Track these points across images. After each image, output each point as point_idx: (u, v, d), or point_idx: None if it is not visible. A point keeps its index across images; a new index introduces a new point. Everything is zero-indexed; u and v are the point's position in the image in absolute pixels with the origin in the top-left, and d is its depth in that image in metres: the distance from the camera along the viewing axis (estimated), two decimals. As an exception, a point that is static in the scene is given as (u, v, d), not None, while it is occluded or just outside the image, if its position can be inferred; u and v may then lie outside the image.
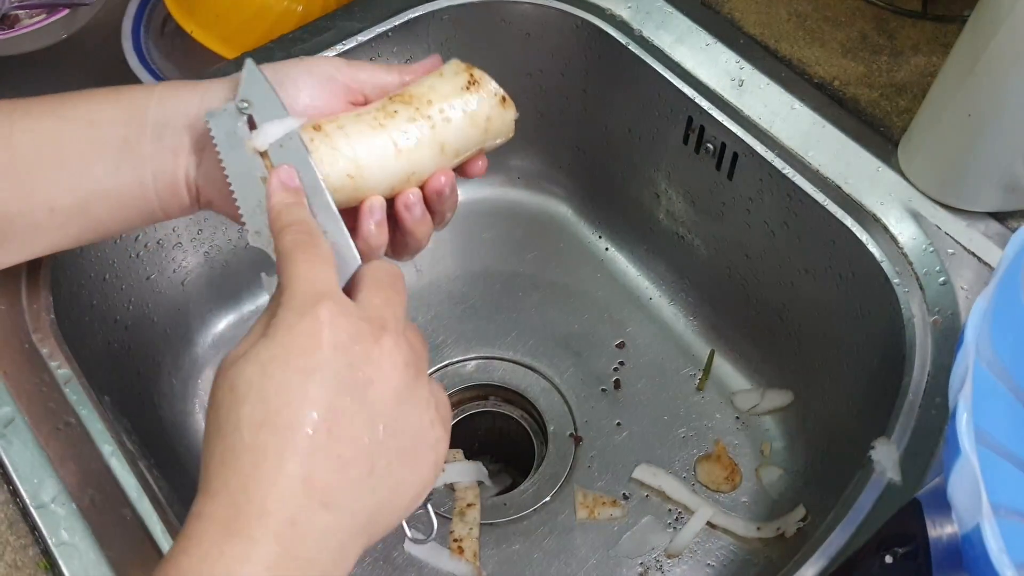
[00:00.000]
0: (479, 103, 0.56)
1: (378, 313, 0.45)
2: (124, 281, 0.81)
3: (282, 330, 0.43)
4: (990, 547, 0.40)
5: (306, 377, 0.42)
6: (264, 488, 0.40)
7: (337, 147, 0.53)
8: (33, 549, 0.59)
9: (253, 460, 0.41)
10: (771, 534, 0.80)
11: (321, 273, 0.46)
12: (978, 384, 0.45)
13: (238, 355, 0.44)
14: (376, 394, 0.43)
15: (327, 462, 0.41)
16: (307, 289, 0.44)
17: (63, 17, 0.99)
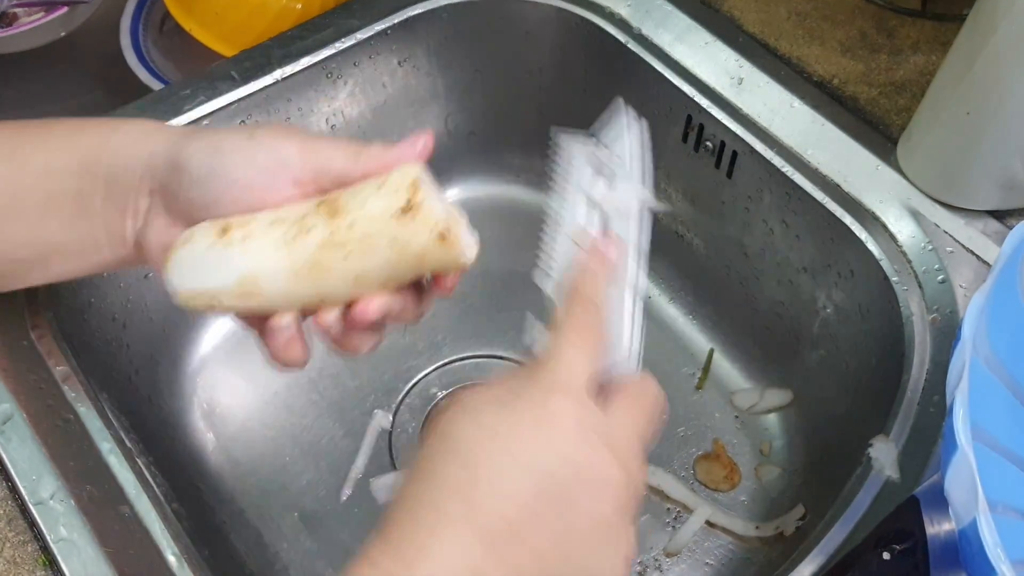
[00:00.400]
0: (409, 237, 0.47)
1: (621, 437, 0.43)
2: (122, 278, 0.81)
3: (516, 406, 0.42)
4: (986, 542, 0.40)
5: (519, 470, 0.40)
6: (434, 560, 0.39)
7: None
8: (32, 545, 0.59)
9: (435, 527, 0.40)
10: (770, 533, 0.80)
11: (579, 362, 0.43)
12: (975, 381, 0.45)
13: (471, 405, 0.43)
14: (579, 522, 0.41)
15: (499, 558, 0.40)
16: (555, 374, 0.42)
17: (62, 15, 0.99)
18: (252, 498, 0.83)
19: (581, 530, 0.41)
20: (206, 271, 0.49)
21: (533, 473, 0.40)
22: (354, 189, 0.48)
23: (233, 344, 0.91)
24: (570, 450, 0.41)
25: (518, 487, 0.40)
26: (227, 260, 0.48)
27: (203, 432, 0.87)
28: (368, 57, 0.87)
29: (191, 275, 0.50)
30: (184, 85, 0.82)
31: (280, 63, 0.83)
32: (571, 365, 0.43)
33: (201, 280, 0.49)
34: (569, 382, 0.42)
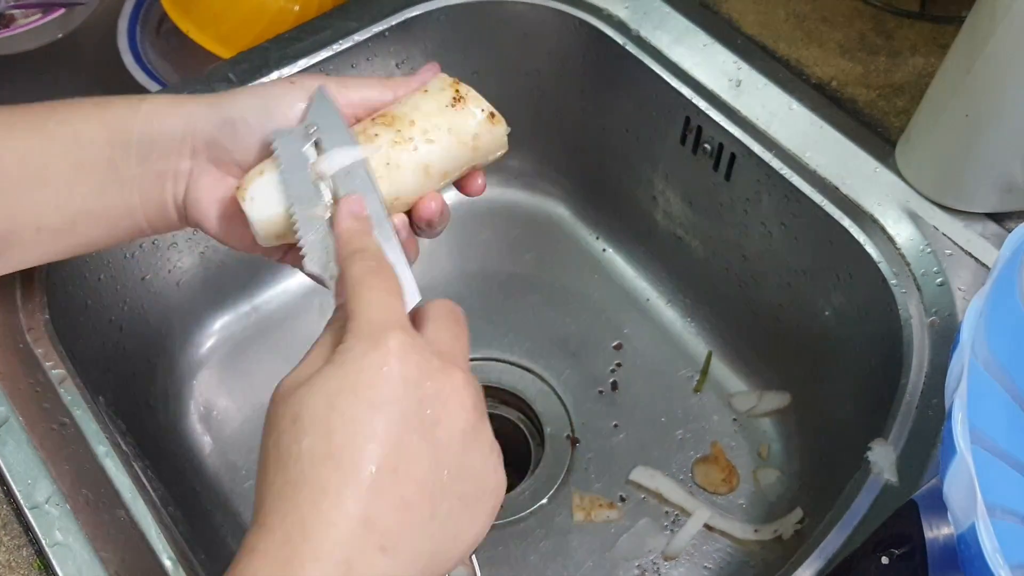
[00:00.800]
0: (465, 121, 0.54)
1: (448, 348, 0.44)
2: (119, 281, 0.81)
3: (350, 359, 0.42)
4: (985, 547, 0.40)
5: (374, 412, 0.40)
6: (322, 528, 0.39)
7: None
8: (27, 550, 0.59)
9: (312, 497, 0.39)
10: (768, 536, 0.80)
11: (391, 303, 0.44)
12: (974, 384, 0.45)
13: (300, 381, 0.42)
14: (443, 434, 0.42)
15: (389, 503, 0.40)
16: (377, 318, 0.43)
17: (59, 16, 0.99)
18: (249, 502, 0.83)
19: (449, 440, 0.42)
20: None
21: (385, 409, 0.40)
22: (401, 101, 0.54)
23: (230, 347, 0.91)
24: (411, 374, 0.41)
25: (376, 428, 0.40)
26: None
27: (200, 435, 0.86)
28: (366, 59, 0.87)
29: (271, 201, 0.52)
30: (181, 87, 0.82)
31: (277, 65, 0.83)
32: (379, 305, 0.44)
33: (281, 202, 0.52)
34: (387, 319, 0.43)
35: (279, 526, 0.39)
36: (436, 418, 0.42)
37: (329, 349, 0.44)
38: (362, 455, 0.40)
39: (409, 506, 0.40)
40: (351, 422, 0.40)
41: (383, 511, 0.39)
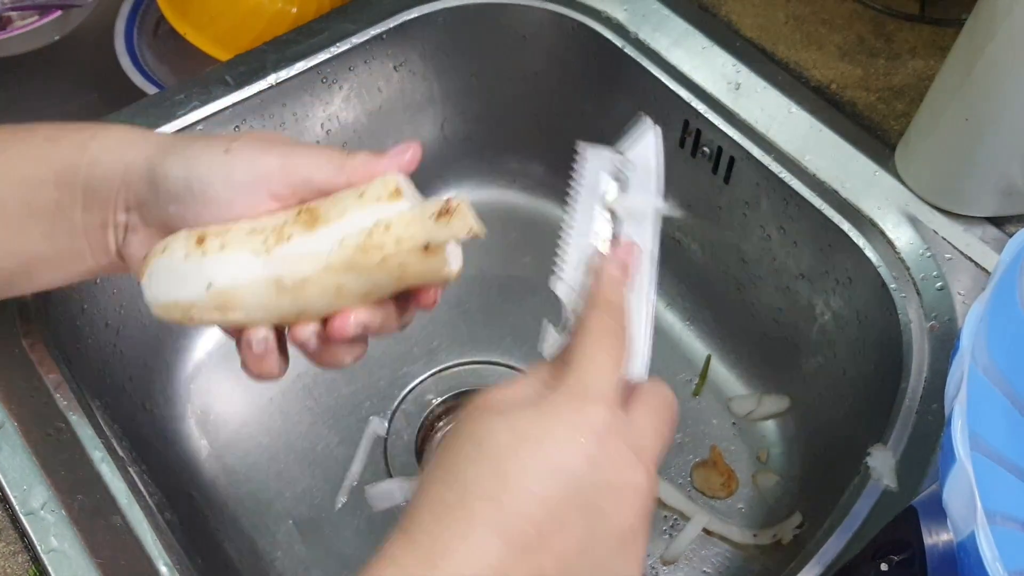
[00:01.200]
0: (392, 247, 0.46)
1: (647, 443, 0.43)
2: (116, 285, 0.80)
3: (551, 413, 0.41)
4: (984, 555, 0.39)
5: (551, 475, 0.40)
6: (461, 562, 0.39)
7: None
8: (22, 556, 0.59)
9: (462, 529, 0.39)
10: (767, 541, 0.80)
11: (610, 368, 0.43)
12: (974, 390, 0.45)
13: (500, 407, 0.42)
14: (603, 527, 0.41)
15: (524, 561, 0.40)
16: (593, 384, 0.42)
17: (56, 19, 0.99)
18: (246, 506, 0.83)
19: (606, 536, 0.41)
20: (181, 282, 0.48)
21: (562, 477, 0.40)
22: (335, 197, 0.47)
23: (227, 351, 0.91)
24: (601, 457, 0.41)
25: (547, 491, 0.40)
26: (202, 271, 0.47)
27: (197, 439, 0.86)
28: (363, 62, 0.87)
29: (166, 286, 0.49)
30: (178, 89, 0.81)
31: (275, 67, 0.83)
32: (601, 371, 0.43)
33: (176, 292, 0.48)
34: (601, 389, 0.42)
35: (423, 543, 0.40)
36: (604, 509, 0.41)
37: (543, 381, 0.43)
38: (521, 509, 0.40)
39: (541, 573, 0.40)
40: (524, 475, 0.40)
41: (517, 568, 0.39)
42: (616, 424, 0.42)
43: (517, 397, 0.43)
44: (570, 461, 0.40)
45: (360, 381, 0.90)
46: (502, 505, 0.40)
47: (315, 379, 0.90)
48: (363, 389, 0.90)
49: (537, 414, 0.41)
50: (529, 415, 0.41)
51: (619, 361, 0.44)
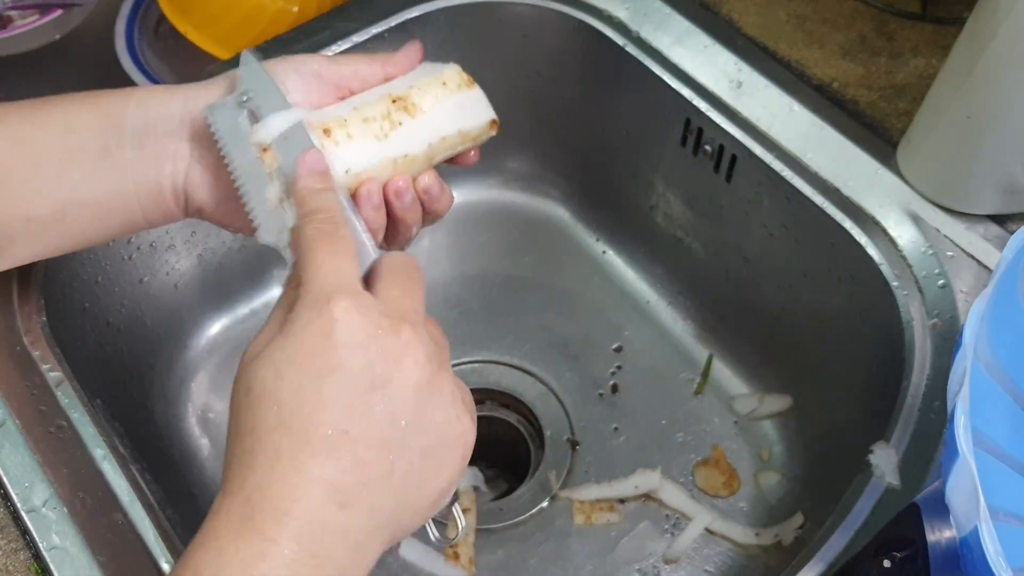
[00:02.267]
0: (473, 118, 0.57)
1: (397, 305, 0.44)
2: (116, 284, 0.80)
3: (296, 328, 0.42)
4: (987, 550, 0.39)
5: (321, 379, 0.41)
6: (280, 488, 0.40)
7: (342, 157, 0.52)
8: (24, 553, 0.59)
9: (268, 461, 0.40)
10: (769, 540, 0.80)
11: (341, 266, 0.45)
12: (976, 386, 0.45)
13: (254, 354, 0.43)
14: (396, 391, 0.42)
15: (344, 463, 0.41)
16: (324, 284, 0.44)
17: (56, 18, 0.99)
18: (248, 505, 0.83)
19: (402, 399, 0.43)
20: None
21: (333, 376, 0.41)
22: (420, 87, 0.56)
23: (228, 349, 0.91)
24: (360, 337, 0.42)
25: (324, 395, 0.41)
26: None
27: (198, 438, 0.86)
28: (364, 59, 0.87)
29: None
30: (179, 88, 0.81)
31: (276, 66, 0.82)
32: (328, 271, 0.44)
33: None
34: (338, 284, 0.44)
35: (239, 489, 0.41)
36: (387, 376, 0.42)
37: (282, 318, 0.44)
38: (312, 421, 0.41)
39: (365, 463, 0.41)
40: (299, 391, 0.41)
41: (338, 470, 0.41)
42: (360, 303, 0.43)
43: (267, 336, 0.44)
44: (330, 359, 0.41)
45: (361, 380, 0.90)
46: (292, 429, 0.41)
47: (316, 378, 0.90)
48: (364, 388, 0.90)
49: (285, 338, 0.42)
50: (279, 343, 0.42)
51: (344, 253, 0.45)
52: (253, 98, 0.52)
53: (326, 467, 0.40)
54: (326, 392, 0.41)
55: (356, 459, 0.41)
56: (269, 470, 0.40)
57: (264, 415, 0.41)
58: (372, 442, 0.42)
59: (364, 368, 0.42)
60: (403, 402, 0.43)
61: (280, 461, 0.40)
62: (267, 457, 0.41)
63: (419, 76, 0.57)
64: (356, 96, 0.56)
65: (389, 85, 0.56)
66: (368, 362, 0.42)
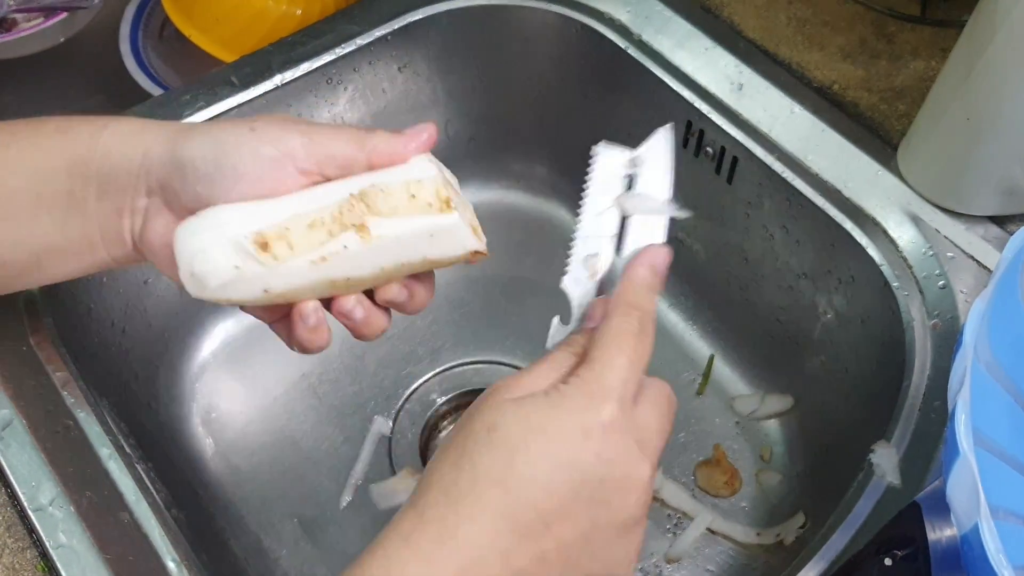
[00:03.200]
0: (444, 252, 0.50)
1: (651, 440, 0.45)
2: (121, 285, 0.81)
3: (564, 405, 0.43)
4: (988, 547, 0.40)
5: (559, 467, 0.42)
6: (469, 542, 0.41)
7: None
8: (31, 551, 0.59)
9: (472, 512, 0.42)
10: (771, 540, 0.80)
11: (630, 375, 0.45)
12: (977, 386, 0.45)
13: (517, 394, 0.44)
14: (608, 517, 0.43)
15: (530, 549, 0.42)
16: (607, 379, 0.44)
17: (61, 20, 0.99)
18: (251, 504, 0.83)
19: (608, 525, 0.43)
20: (236, 283, 0.49)
21: (569, 470, 0.42)
22: (385, 194, 0.48)
23: (232, 350, 0.91)
24: (608, 452, 0.43)
25: (554, 482, 0.42)
26: (261, 278, 0.48)
27: (202, 438, 0.86)
28: (368, 63, 0.87)
29: (217, 282, 0.49)
30: (184, 91, 0.82)
31: (280, 69, 0.83)
32: (616, 369, 0.44)
33: (230, 291, 0.49)
34: (615, 386, 0.44)
35: (435, 523, 0.42)
36: (608, 501, 0.43)
37: (560, 373, 0.45)
38: (529, 497, 0.42)
39: (544, 560, 0.42)
40: (534, 463, 0.42)
41: (522, 553, 0.42)
42: (624, 420, 0.43)
43: (534, 387, 0.45)
44: (577, 455, 0.42)
45: (364, 381, 0.90)
46: (510, 492, 0.42)
47: (320, 379, 0.90)
48: (367, 388, 0.90)
49: (549, 407, 0.43)
50: (542, 407, 0.43)
51: (637, 362, 0.45)
52: (643, 167, 0.52)
53: (515, 544, 0.42)
54: (555, 480, 0.42)
55: (540, 553, 0.42)
56: (470, 521, 0.41)
57: (492, 461, 0.42)
58: (561, 547, 0.42)
59: (597, 482, 0.42)
60: (604, 529, 0.43)
61: (481, 517, 0.41)
62: (474, 507, 0.42)
63: (392, 180, 0.49)
64: (309, 192, 0.50)
65: (350, 184, 0.49)
66: (603, 479, 0.43)
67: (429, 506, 0.42)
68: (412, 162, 0.50)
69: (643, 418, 0.45)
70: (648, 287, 0.48)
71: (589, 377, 0.44)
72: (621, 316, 0.47)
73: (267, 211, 0.49)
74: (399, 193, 0.49)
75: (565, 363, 0.46)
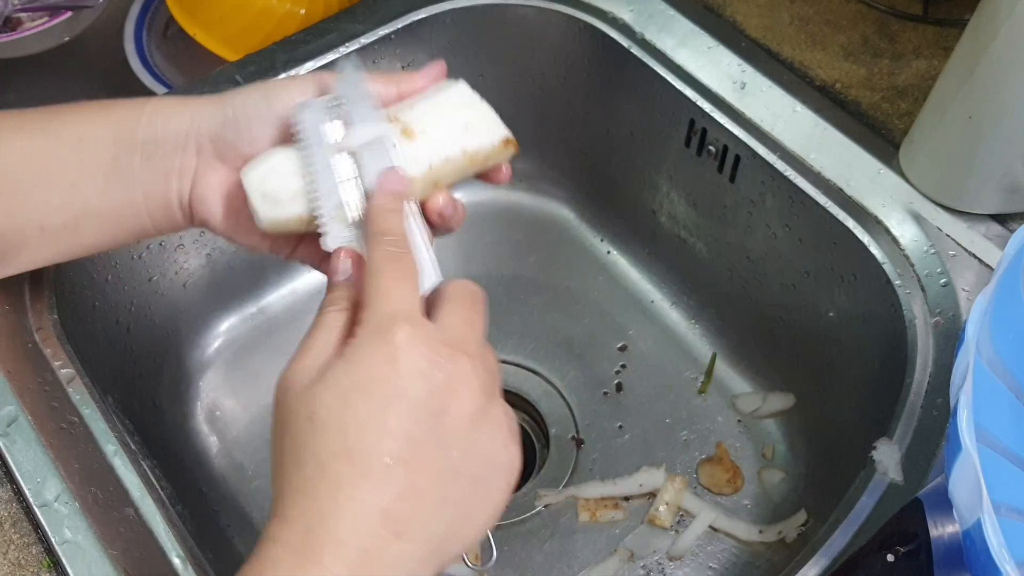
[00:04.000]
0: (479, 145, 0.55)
1: (458, 334, 0.45)
2: (126, 282, 0.81)
3: (361, 356, 0.43)
4: (991, 542, 0.40)
5: (385, 407, 0.42)
6: (339, 518, 0.40)
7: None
8: (36, 547, 0.59)
9: (329, 490, 0.41)
10: (773, 538, 0.80)
11: (404, 292, 0.45)
12: (979, 382, 0.45)
13: (310, 376, 0.43)
14: (452, 420, 0.43)
15: (402, 492, 0.41)
16: (386, 310, 0.44)
17: (65, 20, 0.99)
18: (255, 501, 0.83)
19: (456, 428, 0.43)
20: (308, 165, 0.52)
21: (397, 403, 0.42)
22: (421, 110, 0.53)
23: (237, 348, 0.91)
24: (421, 365, 0.42)
25: (389, 423, 0.41)
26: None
27: (206, 435, 0.87)
28: (372, 61, 0.87)
29: (280, 182, 0.52)
30: (188, 89, 0.82)
31: (284, 67, 0.83)
32: (391, 296, 0.44)
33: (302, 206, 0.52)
34: (396, 311, 0.44)
35: (299, 517, 0.41)
36: (443, 406, 0.43)
37: (337, 335, 0.45)
38: (375, 450, 0.41)
39: (421, 493, 0.42)
40: (364, 420, 0.42)
41: (396, 500, 0.41)
42: (422, 332, 0.43)
43: (318, 356, 0.44)
44: (394, 387, 0.42)
45: (368, 379, 0.90)
46: (355, 457, 0.41)
47: (323, 377, 0.90)
48: (371, 386, 0.90)
49: (347, 364, 0.43)
50: (341, 368, 0.43)
51: (407, 278, 0.46)
52: (344, 104, 0.52)
53: (384, 496, 0.41)
54: (389, 421, 0.42)
55: (413, 488, 0.42)
56: (330, 499, 0.41)
57: (327, 442, 0.42)
58: (428, 471, 0.42)
59: (424, 397, 0.42)
60: (456, 431, 0.43)
61: (341, 491, 0.41)
62: (328, 487, 0.41)
63: (423, 97, 0.55)
64: None
65: (390, 108, 0.55)
66: (428, 391, 0.42)
67: (288, 506, 0.42)
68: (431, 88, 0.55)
69: (444, 320, 0.45)
70: (389, 210, 0.49)
71: (370, 317, 0.44)
72: (374, 248, 0.47)
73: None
74: (434, 103, 0.54)
75: (338, 322, 0.46)
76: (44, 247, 0.58)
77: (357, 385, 0.42)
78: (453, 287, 0.48)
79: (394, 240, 0.47)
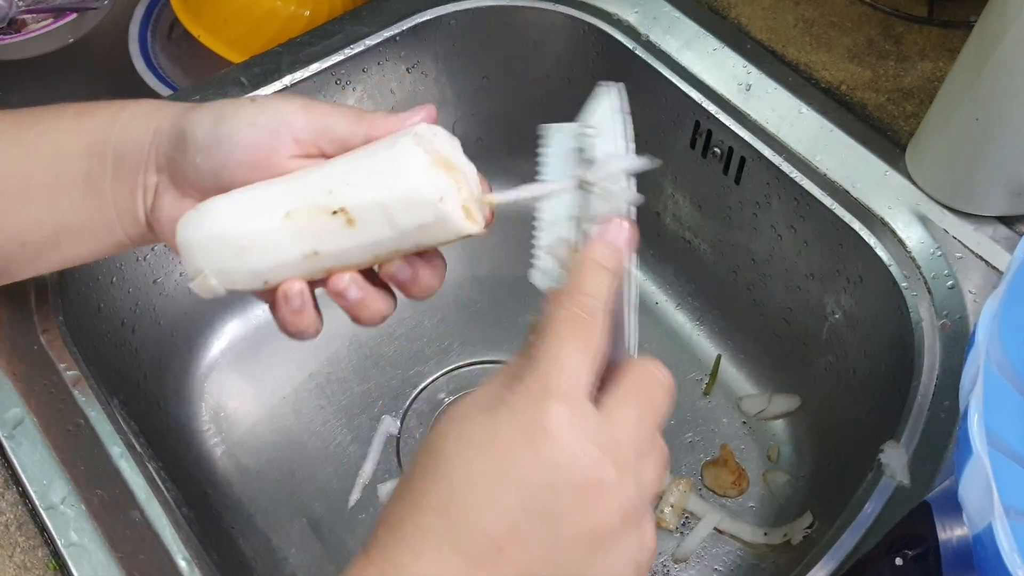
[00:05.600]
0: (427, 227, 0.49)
1: (619, 434, 0.40)
2: (131, 284, 0.81)
3: (502, 417, 0.39)
4: (1002, 546, 0.40)
5: (500, 481, 0.38)
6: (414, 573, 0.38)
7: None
8: (42, 550, 0.59)
9: (412, 543, 0.38)
10: (778, 540, 0.80)
11: (577, 366, 0.40)
12: (988, 386, 0.45)
13: (464, 413, 0.40)
14: (568, 530, 0.38)
15: (483, 574, 0.38)
16: (551, 384, 0.39)
17: (70, 21, 0.99)
18: (260, 503, 0.83)
19: (572, 541, 0.38)
20: (238, 278, 0.49)
21: (517, 485, 0.38)
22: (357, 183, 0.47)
23: (241, 349, 0.91)
24: (557, 458, 0.38)
25: (501, 500, 0.38)
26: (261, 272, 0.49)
27: (211, 437, 0.87)
28: (376, 63, 0.87)
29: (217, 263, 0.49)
30: (193, 91, 0.82)
31: (289, 69, 0.83)
32: (569, 370, 0.40)
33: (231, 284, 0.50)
34: (566, 389, 0.39)
35: (378, 562, 0.39)
36: (564, 511, 0.38)
37: (505, 385, 0.40)
38: (475, 521, 0.38)
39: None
40: (477, 485, 0.38)
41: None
42: (577, 421, 0.39)
43: (477, 401, 0.41)
44: (522, 466, 0.38)
45: (372, 380, 0.91)
46: (453, 520, 0.38)
47: (328, 378, 0.91)
48: (375, 388, 0.90)
49: (488, 419, 0.39)
50: (480, 420, 0.39)
51: (588, 355, 0.40)
52: (594, 132, 0.47)
53: (462, 571, 0.38)
54: (500, 498, 0.38)
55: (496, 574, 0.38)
56: (410, 552, 0.38)
57: (431, 490, 0.39)
58: (517, 566, 0.38)
59: (546, 491, 0.38)
60: (569, 544, 0.38)
61: (424, 546, 0.38)
62: (414, 538, 0.38)
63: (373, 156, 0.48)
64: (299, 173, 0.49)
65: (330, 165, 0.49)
66: (554, 488, 0.38)
67: (376, 545, 0.39)
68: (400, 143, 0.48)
69: (612, 414, 0.40)
70: (600, 268, 0.43)
71: (531, 379, 0.39)
72: (566, 304, 0.41)
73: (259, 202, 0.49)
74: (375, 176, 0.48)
75: (513, 372, 0.41)
76: (27, 263, 0.58)
77: (485, 444, 0.39)
78: (639, 370, 0.42)
79: (591, 303, 0.42)
